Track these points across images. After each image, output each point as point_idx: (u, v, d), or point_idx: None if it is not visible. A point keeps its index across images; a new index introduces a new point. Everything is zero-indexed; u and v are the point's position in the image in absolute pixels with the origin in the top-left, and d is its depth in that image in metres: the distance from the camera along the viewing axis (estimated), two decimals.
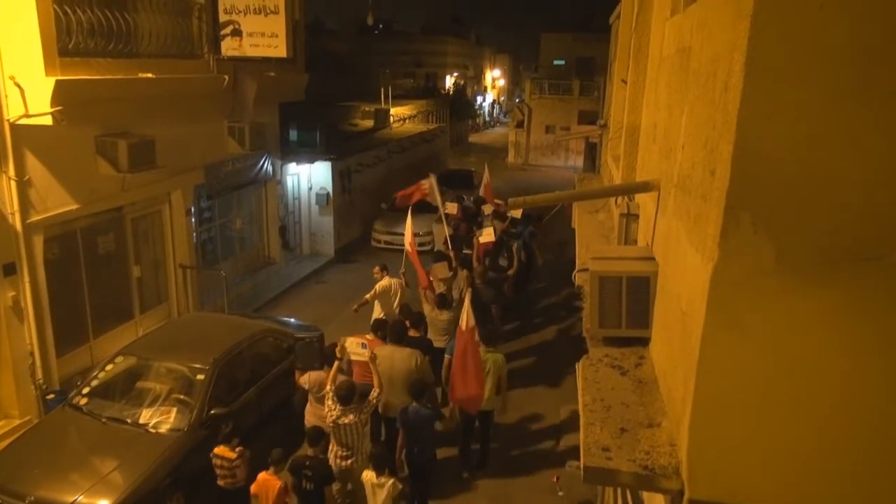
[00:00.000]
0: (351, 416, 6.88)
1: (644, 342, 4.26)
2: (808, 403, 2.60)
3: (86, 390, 8.05)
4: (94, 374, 8.31)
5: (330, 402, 6.95)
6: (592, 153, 24.61)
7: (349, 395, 6.92)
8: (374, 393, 7.12)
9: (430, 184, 12.61)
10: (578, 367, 4.22)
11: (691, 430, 2.77)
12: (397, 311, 10.32)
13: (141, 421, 7.48)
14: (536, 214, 14.04)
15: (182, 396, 7.77)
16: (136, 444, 7.18)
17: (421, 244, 14.88)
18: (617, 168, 8.32)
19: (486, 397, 8.01)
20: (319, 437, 6.81)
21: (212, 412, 7.62)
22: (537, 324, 13.49)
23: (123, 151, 9.61)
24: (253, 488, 6.68)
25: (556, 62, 46.77)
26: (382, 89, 29.87)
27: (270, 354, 9.16)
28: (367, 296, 10.68)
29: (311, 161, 16.93)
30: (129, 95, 9.94)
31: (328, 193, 17.42)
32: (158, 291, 12.07)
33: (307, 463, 6.70)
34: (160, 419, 7.51)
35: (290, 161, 16.33)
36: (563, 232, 13.51)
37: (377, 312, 10.56)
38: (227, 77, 12.14)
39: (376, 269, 10.96)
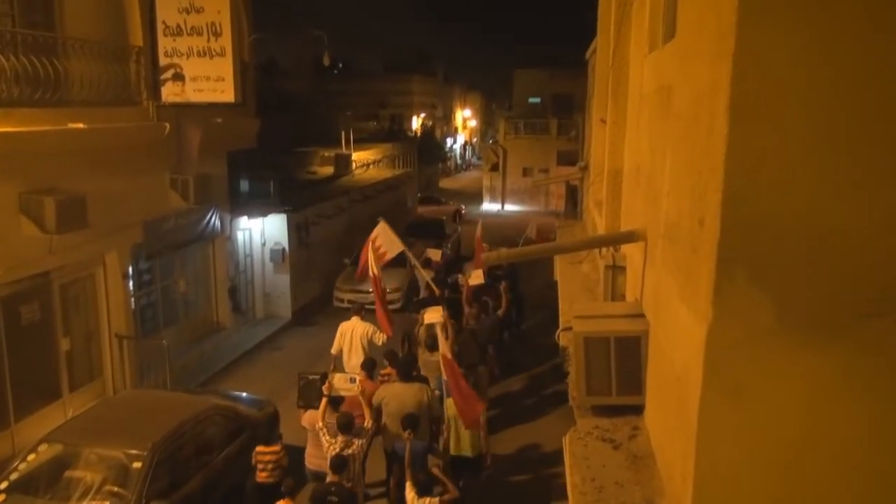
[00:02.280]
0: (354, 446, 7.72)
1: (638, 410, 4.20)
2: (818, 478, 2.56)
3: (4, 485, 7.68)
4: (14, 465, 7.95)
5: (328, 437, 7.79)
6: (574, 197, 24.97)
7: (349, 424, 7.79)
8: (367, 423, 8.07)
9: (380, 233, 10.86)
10: (565, 441, 4.15)
11: None
12: (352, 352, 10.99)
13: None
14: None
15: (116, 488, 7.44)
16: None
17: (390, 302, 14.82)
18: (600, 215, 8.39)
19: (469, 443, 8.73)
20: (343, 464, 7.53)
21: None
22: (529, 364, 14.25)
23: (51, 210, 9.45)
24: None
25: (531, 100, 47.83)
26: (343, 133, 30.09)
27: (219, 436, 8.88)
28: (332, 350, 11.26)
29: (265, 214, 16.86)
30: (57, 148, 9.83)
31: (284, 249, 17.30)
32: (91, 366, 11.72)
33: (332, 489, 7.33)
34: None
35: (241, 214, 16.23)
36: (548, 273, 14.02)
37: (357, 356, 10.92)
38: (168, 125, 12.11)
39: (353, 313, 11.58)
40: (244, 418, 9.43)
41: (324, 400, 8.12)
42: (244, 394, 10.93)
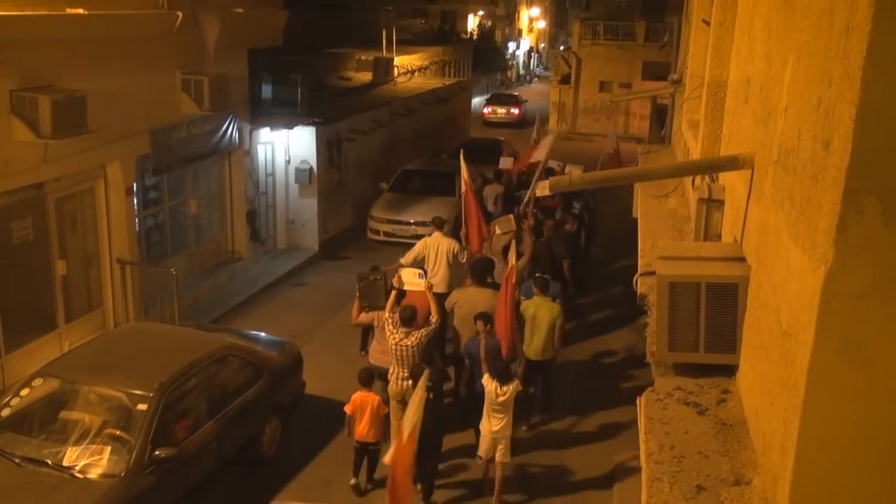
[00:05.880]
0: (413, 338, 9.14)
1: (729, 371, 4.21)
2: None
3: None
4: (6, 400, 8.37)
5: (391, 327, 9.25)
6: (661, 118, 24.49)
7: (412, 317, 9.28)
8: (434, 318, 9.48)
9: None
10: (640, 402, 4.19)
11: (793, 491, 2.73)
12: (437, 269, 11.77)
13: (65, 463, 7.50)
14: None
15: (118, 432, 7.80)
16: (57, 494, 7.20)
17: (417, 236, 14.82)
18: (695, 138, 8.26)
19: (542, 346, 10.24)
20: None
21: (156, 453, 7.64)
22: (597, 285, 15.66)
23: (46, 110, 9.65)
24: (348, 409, 8.76)
25: None
26: (384, 32, 29.86)
27: (234, 379, 9.19)
28: (403, 260, 11.60)
29: (290, 126, 16.94)
30: (53, 37, 9.97)
31: (311, 168, 17.43)
32: (90, 294, 12.14)
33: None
34: (90, 461, 7.53)
35: (263, 125, 16.35)
36: (625, 199, 14.53)
37: (441, 273, 11.82)
38: (180, 14, 12.15)
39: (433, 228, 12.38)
40: (263, 361, 9.71)
41: (393, 293, 9.60)
42: (263, 334, 11.21)
